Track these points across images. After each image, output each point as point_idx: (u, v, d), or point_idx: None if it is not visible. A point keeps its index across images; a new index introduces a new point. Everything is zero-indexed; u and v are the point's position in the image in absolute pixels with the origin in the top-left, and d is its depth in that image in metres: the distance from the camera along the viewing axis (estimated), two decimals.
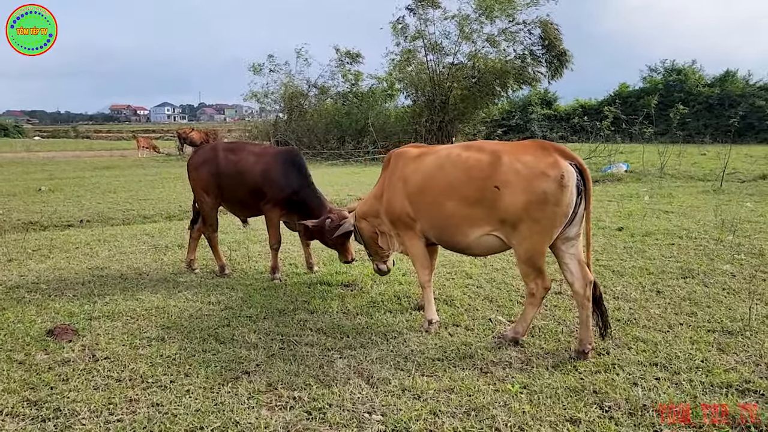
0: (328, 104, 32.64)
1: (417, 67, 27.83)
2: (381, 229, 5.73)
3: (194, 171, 6.93)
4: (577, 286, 4.61)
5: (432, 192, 4.95)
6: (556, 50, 25.23)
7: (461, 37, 26.33)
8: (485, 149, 4.78)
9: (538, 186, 4.38)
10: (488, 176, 4.59)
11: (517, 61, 26.05)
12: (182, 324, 5.32)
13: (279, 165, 6.67)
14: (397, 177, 5.29)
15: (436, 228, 5.06)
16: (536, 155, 4.51)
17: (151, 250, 8.49)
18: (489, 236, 4.76)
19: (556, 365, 4.51)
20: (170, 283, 6.68)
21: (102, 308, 5.73)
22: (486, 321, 5.44)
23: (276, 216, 6.76)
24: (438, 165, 4.98)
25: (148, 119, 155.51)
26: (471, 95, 26.64)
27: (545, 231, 4.48)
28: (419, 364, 4.52)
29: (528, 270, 4.66)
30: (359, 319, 5.48)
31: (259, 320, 5.44)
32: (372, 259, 6.12)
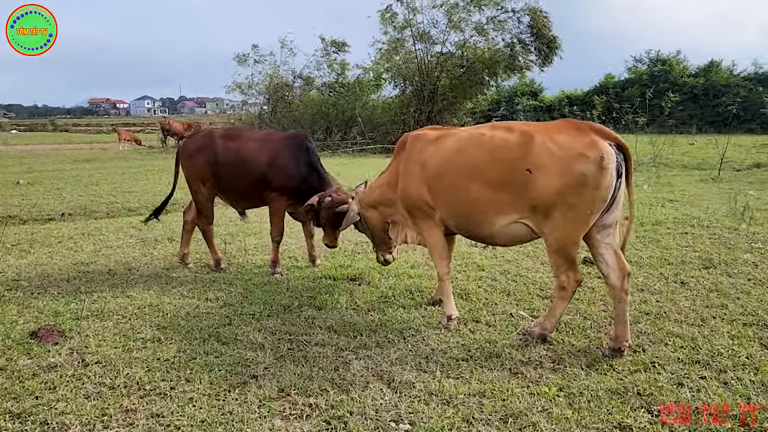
0: (314, 95, 32.08)
1: (405, 57, 27.38)
2: (394, 218, 5.33)
3: (188, 159, 6.46)
4: (614, 279, 4.25)
5: (453, 176, 4.56)
6: (546, 38, 24.90)
7: (449, 25, 25.94)
8: (514, 129, 4.39)
9: (575, 168, 4.01)
10: (518, 158, 4.21)
11: (506, 49, 25.71)
12: (179, 323, 4.89)
13: (287, 151, 6.23)
14: (415, 161, 4.89)
15: (458, 216, 4.67)
16: (572, 135, 4.14)
17: (140, 243, 8.02)
18: (517, 224, 4.38)
19: (591, 364, 4.16)
20: (163, 279, 6.23)
21: (90, 307, 5.27)
22: (507, 316, 5.07)
23: (282, 206, 6.32)
24: (460, 147, 4.59)
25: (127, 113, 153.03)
26: (460, 85, 26.25)
27: (581, 218, 4.11)
28: (443, 364, 4.14)
29: (560, 261, 4.29)
30: (371, 316, 5.09)
31: (263, 318, 5.02)
32: (376, 249, 5.71)
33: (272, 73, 33.15)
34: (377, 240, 5.61)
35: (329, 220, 5.72)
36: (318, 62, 33.01)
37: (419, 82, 26.42)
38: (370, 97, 31.12)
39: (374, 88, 32.49)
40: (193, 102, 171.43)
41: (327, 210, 5.66)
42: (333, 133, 28.41)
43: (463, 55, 25.97)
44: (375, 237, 5.60)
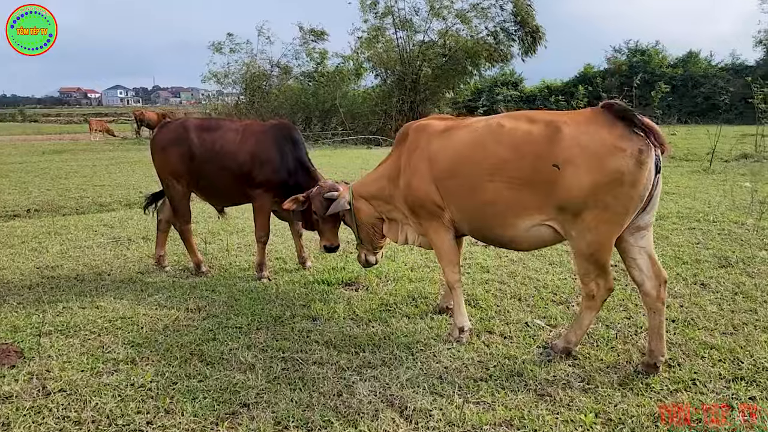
0: (293, 84, 31.31)
1: (386, 45, 26.74)
2: (391, 215, 4.81)
3: (160, 153, 5.85)
4: (649, 287, 3.78)
5: (468, 174, 4.04)
6: (529, 26, 24.47)
7: (431, 13, 25.35)
8: (537, 119, 3.88)
9: (610, 164, 3.51)
10: (544, 152, 3.70)
11: (489, 38, 25.23)
12: (156, 339, 4.32)
13: (272, 142, 5.65)
14: (420, 156, 4.36)
15: (473, 218, 4.16)
16: (603, 125, 3.63)
17: (111, 243, 7.38)
18: (541, 227, 3.89)
19: (624, 383, 3.70)
20: (137, 285, 5.63)
21: (54, 320, 4.68)
22: (522, 326, 4.60)
23: (267, 203, 5.74)
24: (475, 140, 4.06)
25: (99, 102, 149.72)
26: (443, 74, 25.72)
27: (615, 219, 3.63)
28: (460, 386, 3.64)
29: (589, 267, 3.80)
30: (373, 327, 4.57)
31: (252, 332, 4.48)
32: (360, 247, 5.15)
33: (249, 62, 32.34)
34: (363, 237, 5.06)
35: (319, 212, 5.12)
36: (296, 51, 32.26)
37: (401, 71, 25.81)
38: (350, 87, 30.45)
39: (354, 78, 31.82)
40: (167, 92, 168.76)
41: (315, 199, 5.08)
42: (313, 124, 27.73)
43: (445, 43, 25.42)
44: (362, 233, 5.04)
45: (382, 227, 4.95)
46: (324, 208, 4.98)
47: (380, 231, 4.97)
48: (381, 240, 5.05)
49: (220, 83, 33.67)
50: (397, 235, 4.85)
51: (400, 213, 4.71)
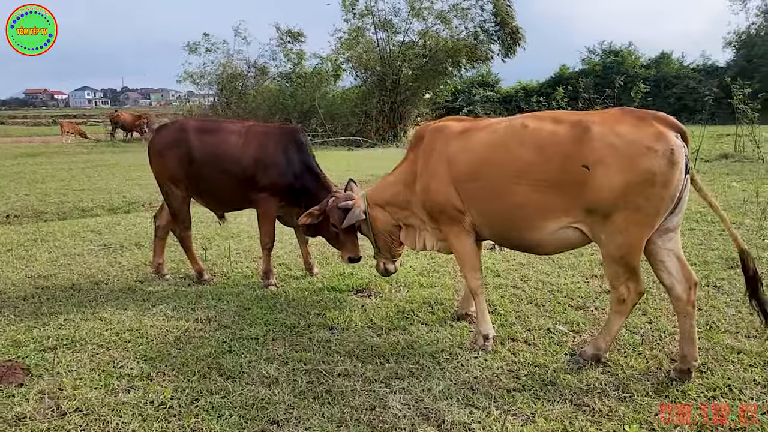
0: (271, 85, 30.98)
1: (366, 46, 26.57)
2: (408, 221, 4.68)
3: (158, 156, 5.62)
4: (679, 290, 3.72)
5: (491, 177, 3.93)
6: (509, 27, 24.55)
7: (411, 13, 25.27)
8: (563, 120, 3.79)
9: (642, 164, 3.44)
10: (573, 153, 3.61)
11: (469, 38, 25.24)
12: (169, 352, 4.12)
13: (276, 145, 5.47)
14: (438, 159, 4.23)
15: (496, 222, 4.05)
16: (634, 125, 3.56)
17: (103, 251, 7.11)
18: (568, 229, 3.80)
19: (659, 390, 3.63)
20: (138, 295, 5.41)
21: (57, 333, 4.44)
22: (545, 332, 4.50)
23: (272, 208, 5.55)
24: (497, 142, 3.95)
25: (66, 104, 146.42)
26: (423, 75, 25.64)
27: (647, 221, 3.55)
28: (494, 397, 3.52)
29: (618, 271, 3.71)
30: (394, 336, 4.43)
31: (268, 343, 4.31)
32: (379, 255, 5.03)
33: (225, 63, 31.93)
34: (381, 245, 4.93)
35: (338, 224, 4.98)
36: (273, 51, 31.95)
37: (381, 71, 25.67)
38: (329, 88, 30.22)
39: (332, 79, 31.61)
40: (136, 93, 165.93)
41: (333, 211, 4.95)
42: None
43: (425, 44, 25.37)
44: (379, 241, 4.92)
45: (400, 234, 4.82)
46: (342, 219, 4.84)
47: (398, 238, 4.83)
48: (399, 247, 4.93)
49: (196, 84, 33.17)
50: (415, 241, 4.73)
51: (417, 219, 4.58)
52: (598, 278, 5.71)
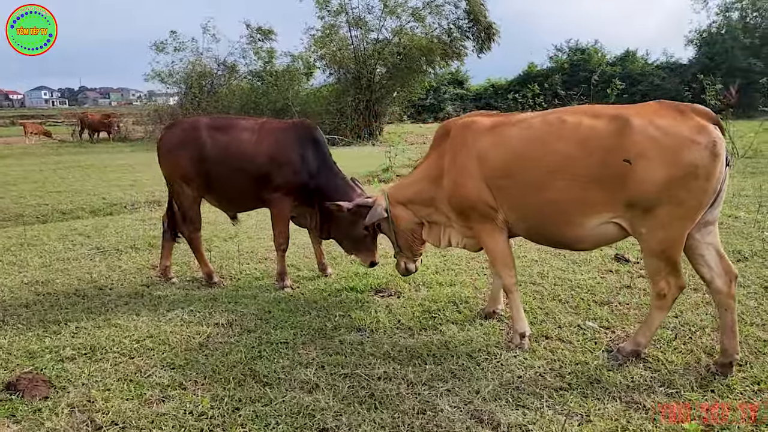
0: (243, 83, 30.51)
1: (339, 43, 26.35)
2: (432, 219, 4.59)
3: (169, 155, 5.41)
4: (719, 284, 3.70)
5: (528, 172, 3.85)
6: (483, 24, 24.63)
7: (385, 11, 25.16)
8: (602, 113, 3.74)
9: (685, 157, 3.40)
10: (614, 147, 3.56)
11: (443, 36, 25.25)
12: (197, 359, 3.95)
13: (292, 142, 5.30)
14: (467, 155, 4.13)
15: (534, 218, 3.97)
16: (675, 118, 3.53)
17: (99, 255, 6.84)
18: (608, 224, 3.75)
19: (703, 385, 3.61)
20: (148, 300, 5.19)
21: (72, 342, 4.22)
22: (576, 329, 4.46)
23: (287, 208, 5.38)
24: (532, 136, 3.87)
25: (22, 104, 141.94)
26: (398, 72, 25.56)
27: (689, 215, 3.53)
28: (544, 397, 3.46)
29: (659, 266, 3.68)
30: (426, 336, 4.33)
31: (299, 347, 4.16)
32: (400, 255, 4.94)
33: (194, 61, 31.33)
34: (403, 244, 4.84)
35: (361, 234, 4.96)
36: (243, 50, 31.47)
37: (356, 69, 25.49)
38: (302, 86, 29.90)
39: (304, 77, 31.29)
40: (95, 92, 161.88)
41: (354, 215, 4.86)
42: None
43: (400, 41, 25.30)
44: (401, 240, 4.83)
45: (422, 233, 4.72)
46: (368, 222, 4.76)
47: (420, 237, 4.74)
48: (421, 246, 4.84)
49: (164, 83, 32.48)
50: (439, 238, 4.64)
51: (442, 215, 4.49)
52: (613, 273, 5.71)
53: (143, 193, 11.99)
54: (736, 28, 38.48)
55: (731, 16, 39.92)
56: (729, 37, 38.46)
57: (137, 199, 11.46)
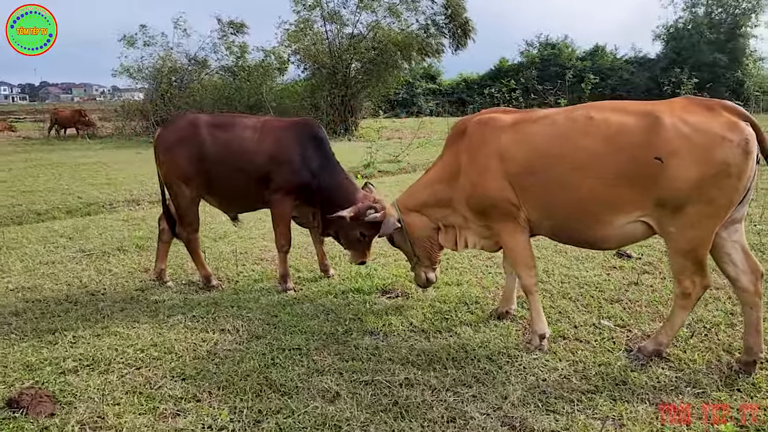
0: (216, 78, 29.94)
1: (314, 38, 26.03)
2: (448, 221, 4.47)
3: (167, 153, 5.18)
4: (745, 282, 3.66)
5: (554, 170, 3.76)
6: (460, 19, 24.60)
7: (360, 6, 24.92)
8: (630, 109, 3.66)
9: (717, 155, 3.35)
10: (644, 144, 3.49)
11: (420, 31, 25.13)
12: (208, 369, 3.77)
13: (294, 141, 5.13)
14: (488, 152, 4.02)
15: (560, 217, 3.88)
16: (705, 115, 3.47)
17: (85, 257, 6.56)
18: (636, 223, 3.69)
19: (728, 384, 3.59)
20: (145, 305, 4.98)
21: (72, 353, 4.00)
22: (592, 328, 4.40)
23: (288, 209, 5.20)
24: (559, 133, 3.78)
25: None
26: (374, 68, 25.35)
27: (718, 214, 3.48)
28: (574, 401, 3.38)
29: (686, 264, 3.63)
30: (442, 340, 4.22)
31: (312, 352, 4.01)
32: (418, 265, 4.74)
33: (165, 56, 30.60)
34: (421, 253, 4.68)
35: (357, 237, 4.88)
36: (215, 44, 30.84)
37: (331, 65, 25.21)
38: (276, 81, 29.47)
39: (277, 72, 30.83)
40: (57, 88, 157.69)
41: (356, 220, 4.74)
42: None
43: (375, 36, 25.09)
44: (418, 249, 4.67)
45: (439, 238, 4.60)
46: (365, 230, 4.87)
47: (437, 242, 4.62)
48: (438, 253, 4.72)
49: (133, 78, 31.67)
50: (455, 241, 4.52)
51: (459, 217, 4.38)
52: (618, 270, 5.68)
53: (120, 192, 11.62)
54: (702, 24, 39.21)
55: (697, 12, 40.67)
56: (695, 32, 39.20)
57: (115, 198, 11.10)
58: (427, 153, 16.42)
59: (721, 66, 37.80)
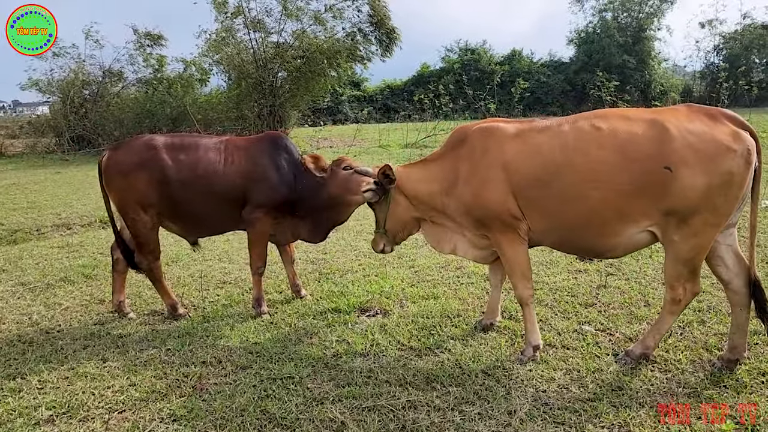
0: (134, 92, 28.75)
1: (236, 47, 25.45)
2: (437, 221, 4.39)
3: (121, 179, 4.86)
4: (737, 284, 3.80)
5: (563, 181, 3.72)
6: (386, 27, 24.72)
7: (285, 14, 24.57)
8: (634, 118, 3.69)
9: (724, 165, 3.44)
10: (654, 154, 3.52)
11: (346, 39, 25.06)
12: (200, 407, 3.55)
13: (265, 156, 4.91)
14: (490, 163, 3.94)
15: (567, 228, 3.87)
16: (708, 124, 3.54)
17: (27, 291, 6.08)
18: (643, 233, 3.75)
19: (715, 382, 3.74)
20: (109, 341, 4.65)
21: (43, 400, 3.67)
22: (575, 334, 4.47)
23: (266, 228, 4.97)
24: (566, 144, 3.74)
25: None
26: (301, 76, 25.06)
27: (720, 222, 3.59)
28: (578, 411, 3.41)
29: (681, 272, 3.71)
30: (435, 357, 4.17)
31: (305, 380, 3.86)
32: (381, 235, 4.59)
33: (77, 69, 29.11)
34: (390, 228, 4.54)
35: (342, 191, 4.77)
36: (131, 56, 29.60)
37: (257, 74, 24.73)
38: (200, 92, 28.60)
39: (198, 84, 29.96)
40: None
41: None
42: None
43: (301, 45, 24.82)
44: (390, 224, 4.52)
45: (414, 227, 4.55)
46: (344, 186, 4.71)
47: (410, 230, 4.57)
48: (406, 237, 4.65)
49: (43, 92, 29.96)
50: (441, 243, 4.43)
51: (451, 222, 4.29)
52: (583, 273, 5.82)
53: (47, 216, 10.89)
54: (611, 28, 41.19)
55: (606, 17, 42.66)
56: (605, 36, 41.10)
57: (42, 222, 10.39)
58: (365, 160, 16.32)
59: (629, 68, 39.81)
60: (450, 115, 23.80)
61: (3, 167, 22.01)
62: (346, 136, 24.30)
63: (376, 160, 16.02)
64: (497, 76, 22.67)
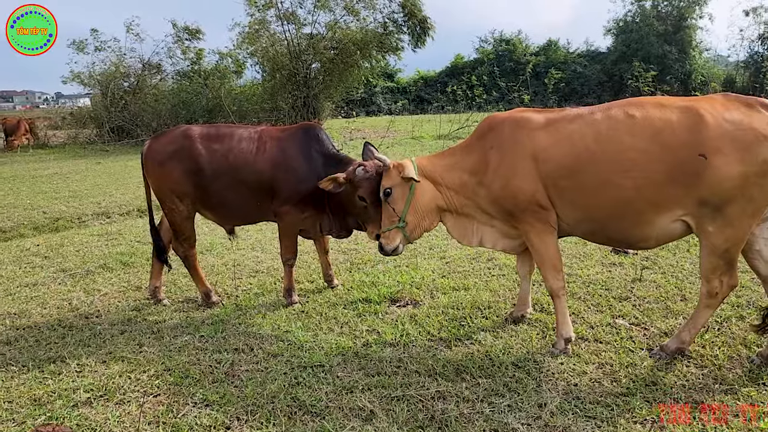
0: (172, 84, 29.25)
1: (270, 39, 25.65)
2: (465, 211, 4.28)
3: (158, 168, 4.96)
4: None
5: (596, 171, 3.67)
6: (417, 17, 24.60)
7: (317, 5, 24.67)
8: (669, 105, 3.62)
9: (760, 153, 3.36)
10: (689, 142, 3.45)
11: (378, 30, 25.03)
12: (231, 392, 3.61)
13: (296, 148, 4.93)
14: (520, 153, 3.89)
15: (600, 219, 3.81)
16: (745, 113, 3.47)
17: (68, 278, 6.25)
18: (676, 222, 3.67)
19: (753, 378, 3.64)
20: (145, 326, 4.76)
21: (81, 383, 3.78)
22: (608, 328, 4.40)
23: (296, 222, 5.01)
24: (601, 133, 3.68)
25: None
26: (334, 68, 25.14)
27: (757, 212, 3.51)
28: (611, 406, 3.36)
29: (718, 264, 3.63)
30: (463, 348, 4.16)
31: (335, 368, 3.89)
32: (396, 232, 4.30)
33: (117, 62, 29.71)
34: (410, 222, 4.27)
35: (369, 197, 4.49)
36: (170, 49, 30.08)
37: (290, 65, 24.89)
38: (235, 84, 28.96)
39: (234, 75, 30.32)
40: None
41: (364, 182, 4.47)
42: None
43: (334, 36, 24.90)
44: (411, 217, 4.26)
45: (433, 221, 4.38)
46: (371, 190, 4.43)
47: (430, 224, 4.38)
48: (421, 233, 4.45)
49: (84, 85, 30.68)
50: (468, 235, 4.35)
51: (479, 212, 4.22)
52: (618, 266, 5.72)
53: (88, 205, 11.18)
54: (650, 17, 40.21)
55: (645, 5, 41.65)
56: (644, 25, 40.15)
57: (83, 211, 10.67)
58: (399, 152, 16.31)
59: (670, 58, 38.83)
60: (483, 106, 23.57)
61: (46, 157, 22.63)
62: (379, 128, 24.25)
63: (408, 152, 16.00)
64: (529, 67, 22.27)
